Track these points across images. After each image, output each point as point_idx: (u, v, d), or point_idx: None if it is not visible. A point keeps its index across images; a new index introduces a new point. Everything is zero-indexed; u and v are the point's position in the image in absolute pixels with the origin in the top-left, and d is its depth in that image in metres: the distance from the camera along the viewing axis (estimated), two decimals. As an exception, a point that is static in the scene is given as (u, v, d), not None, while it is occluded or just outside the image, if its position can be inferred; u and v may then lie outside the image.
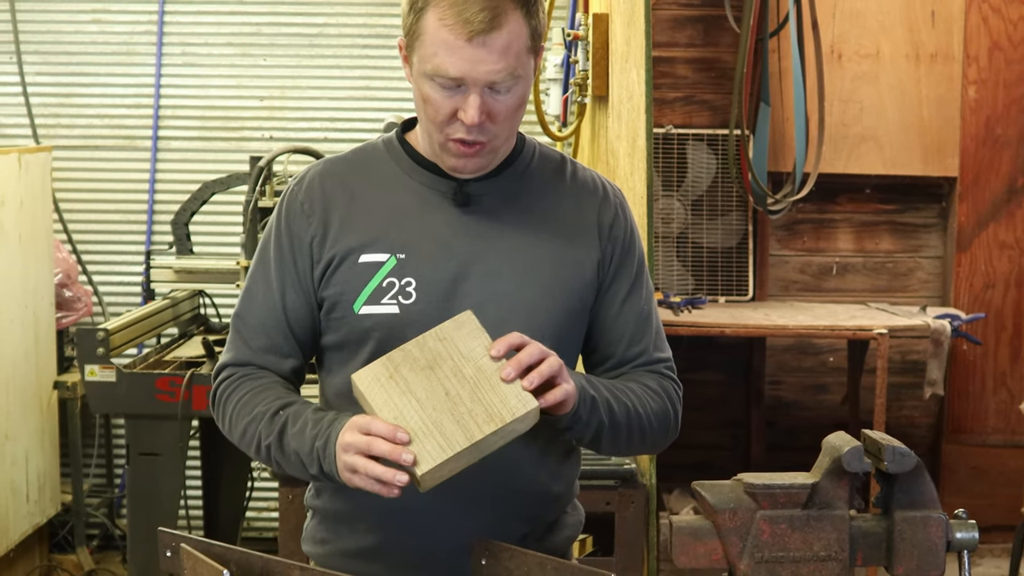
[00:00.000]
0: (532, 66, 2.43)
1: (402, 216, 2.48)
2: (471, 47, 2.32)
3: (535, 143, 2.63)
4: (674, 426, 2.59)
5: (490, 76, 2.34)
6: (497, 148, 2.47)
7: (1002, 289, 6.55)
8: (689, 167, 6.38)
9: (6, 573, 5.49)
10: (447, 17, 2.32)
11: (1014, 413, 6.25)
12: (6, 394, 5.33)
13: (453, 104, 2.37)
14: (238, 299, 2.60)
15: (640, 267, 2.61)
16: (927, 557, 2.24)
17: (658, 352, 2.61)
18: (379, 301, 2.45)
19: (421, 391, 2.25)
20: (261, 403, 2.47)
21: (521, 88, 2.41)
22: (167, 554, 2.36)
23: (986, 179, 6.49)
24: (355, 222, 2.49)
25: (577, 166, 2.63)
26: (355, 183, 2.54)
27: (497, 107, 2.38)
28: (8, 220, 5.34)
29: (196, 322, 5.86)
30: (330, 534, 2.58)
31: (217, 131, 6.50)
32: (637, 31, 4.14)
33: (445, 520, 2.46)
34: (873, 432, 2.28)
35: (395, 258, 2.46)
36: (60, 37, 6.46)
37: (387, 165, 2.56)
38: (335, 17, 6.47)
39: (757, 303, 6.40)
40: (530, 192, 2.55)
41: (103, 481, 6.47)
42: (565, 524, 2.63)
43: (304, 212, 2.52)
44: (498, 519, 2.49)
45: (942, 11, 6.38)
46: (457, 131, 2.39)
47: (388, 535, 2.50)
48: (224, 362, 2.57)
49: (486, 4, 2.31)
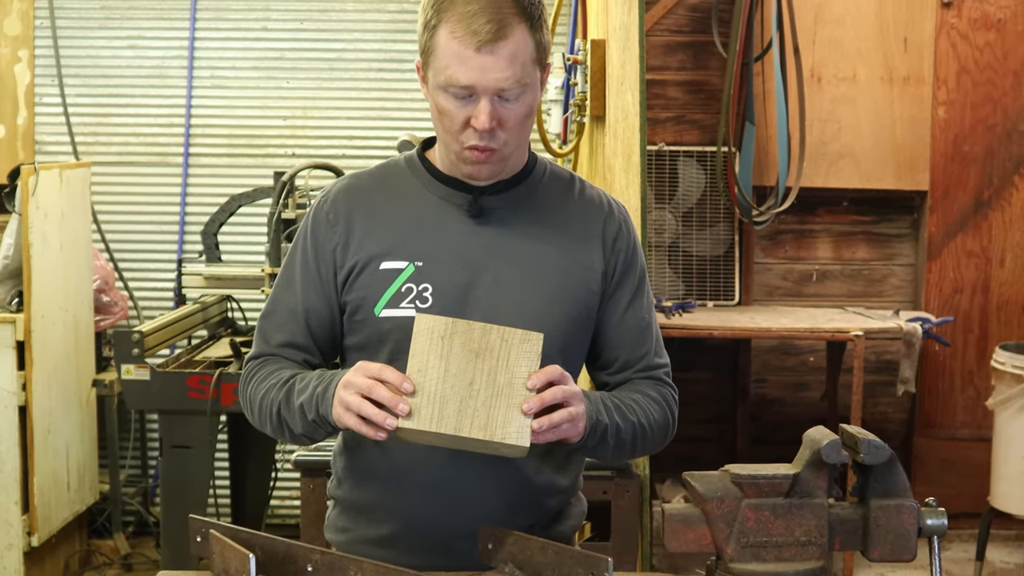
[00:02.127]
0: (539, 78, 2.44)
1: (420, 226, 2.49)
2: (480, 56, 2.33)
3: (546, 161, 2.63)
4: (672, 431, 2.61)
5: (498, 83, 2.35)
6: (508, 156, 2.47)
7: (969, 294, 6.54)
8: (680, 181, 6.38)
9: (49, 556, 5.49)
10: (457, 30, 2.33)
11: (980, 409, 6.25)
12: (48, 391, 5.33)
13: (466, 113, 2.38)
14: (265, 302, 2.62)
15: (642, 279, 2.62)
16: (900, 542, 2.24)
17: (657, 358, 2.63)
18: (398, 305, 2.46)
19: (454, 366, 2.24)
20: (275, 377, 2.50)
21: (529, 97, 2.42)
22: (197, 539, 2.37)
23: (954, 193, 6.49)
24: (376, 232, 2.50)
25: (585, 184, 2.63)
26: (377, 196, 2.55)
27: (507, 114, 2.39)
28: (51, 230, 5.35)
29: (224, 325, 5.86)
30: (351, 523, 2.58)
31: (243, 148, 6.50)
32: (632, 56, 4.14)
33: (458, 510, 2.47)
34: (850, 426, 2.27)
35: (413, 265, 2.46)
36: (98, 62, 6.47)
37: (407, 179, 2.57)
38: (352, 44, 6.47)
39: (743, 307, 6.40)
40: (540, 206, 2.55)
41: (138, 472, 6.47)
42: (570, 515, 2.64)
43: (329, 222, 2.53)
44: (507, 509, 2.49)
45: (914, 37, 6.38)
46: (471, 139, 2.39)
47: (405, 523, 2.50)
48: (248, 357, 2.60)
49: (492, 17, 2.32)
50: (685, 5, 6.42)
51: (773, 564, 2.21)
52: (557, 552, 2.28)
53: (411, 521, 2.50)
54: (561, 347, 2.44)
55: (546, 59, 2.46)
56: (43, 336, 5.26)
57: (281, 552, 2.28)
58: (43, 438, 5.28)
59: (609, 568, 2.20)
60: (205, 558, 2.36)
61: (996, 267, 6.53)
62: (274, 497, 6.19)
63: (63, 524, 5.52)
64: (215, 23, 6.48)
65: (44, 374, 5.28)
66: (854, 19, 6.38)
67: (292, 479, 6.13)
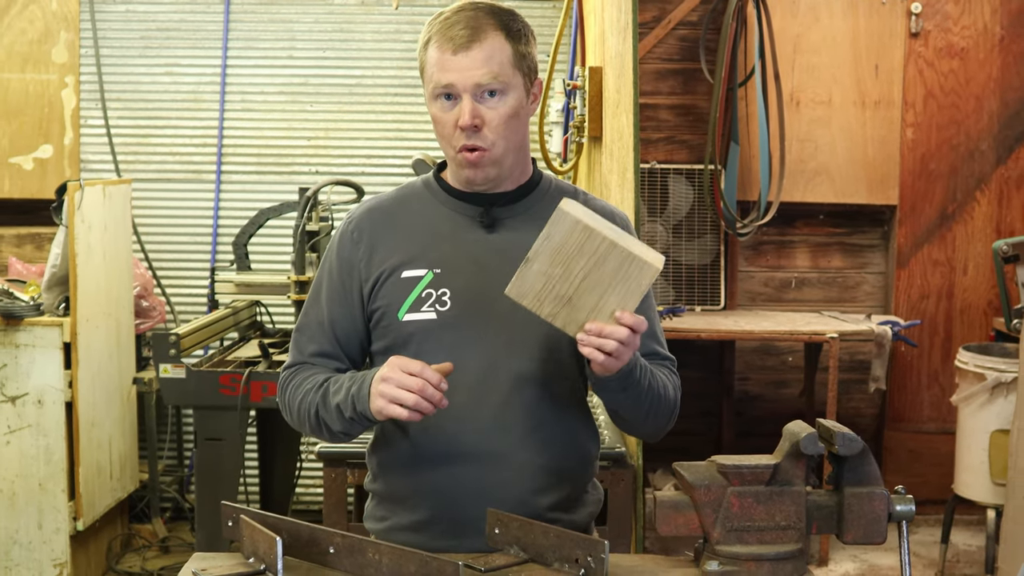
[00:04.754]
0: (521, 84, 2.46)
1: (437, 238, 2.50)
2: (456, 58, 2.39)
3: (553, 177, 2.65)
4: (676, 413, 2.60)
5: (473, 79, 2.39)
6: (499, 158, 2.47)
7: (935, 300, 6.54)
8: (671, 197, 6.38)
9: (93, 539, 5.49)
10: (439, 40, 2.41)
11: (945, 405, 6.24)
12: (93, 389, 5.34)
13: (453, 116, 2.41)
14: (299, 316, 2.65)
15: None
16: (872, 527, 2.24)
17: (663, 351, 2.64)
18: (419, 309, 2.47)
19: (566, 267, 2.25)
20: (310, 382, 2.52)
21: (511, 100, 2.43)
22: (229, 524, 2.37)
23: (921, 207, 6.48)
24: (397, 245, 2.52)
25: (589, 196, 2.63)
26: (397, 214, 2.56)
27: (488, 114, 2.41)
28: (95, 242, 5.35)
29: (253, 328, 5.86)
30: (388, 512, 2.58)
31: (271, 166, 6.51)
32: (626, 82, 4.14)
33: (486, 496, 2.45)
34: (826, 421, 2.28)
35: (432, 273, 2.48)
36: (138, 87, 6.47)
37: (424, 198, 2.58)
38: (370, 71, 6.47)
39: (728, 312, 6.40)
40: (548, 216, 2.55)
41: (174, 462, 6.47)
42: (587, 502, 2.63)
43: (353, 240, 2.55)
44: (534, 492, 2.49)
45: (884, 65, 6.39)
46: (460, 140, 2.42)
47: (437, 510, 2.50)
48: (284, 366, 2.63)
49: (468, 24, 2.40)
50: (675, 35, 6.42)
51: (755, 547, 2.21)
52: (558, 536, 2.28)
53: (442, 507, 2.50)
54: (569, 341, 2.45)
55: (531, 71, 2.48)
56: (88, 338, 5.27)
57: (305, 536, 2.29)
58: (88, 431, 5.29)
59: (605, 550, 2.20)
60: (236, 541, 2.37)
61: (960, 275, 6.52)
62: (299, 485, 6.18)
63: (106, 510, 5.52)
64: (245, 52, 6.48)
65: (89, 373, 5.28)
66: (830, 48, 6.38)
67: (316, 469, 6.12)
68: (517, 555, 2.33)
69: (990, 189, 6.48)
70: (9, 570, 5.18)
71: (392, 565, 2.18)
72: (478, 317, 2.43)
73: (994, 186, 6.48)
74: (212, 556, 2.38)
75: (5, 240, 6.42)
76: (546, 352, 2.48)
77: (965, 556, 5.90)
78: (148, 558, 5.82)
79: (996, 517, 5.19)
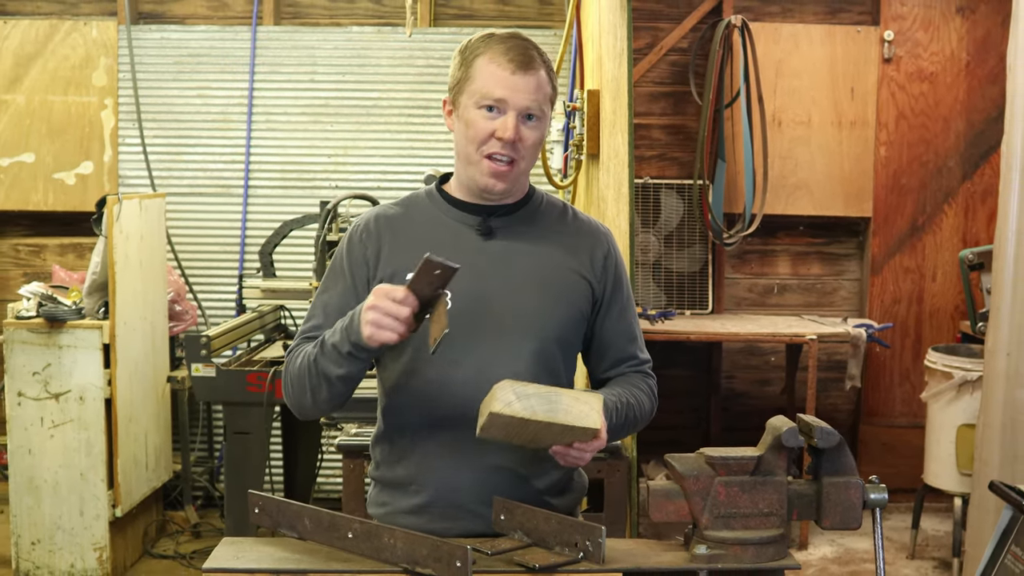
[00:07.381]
0: (549, 115, 2.51)
1: (439, 244, 2.49)
2: (513, 77, 2.42)
3: (543, 192, 2.65)
4: (654, 410, 2.65)
5: (525, 102, 2.43)
6: (519, 175, 2.50)
7: (906, 304, 6.54)
8: (662, 209, 6.38)
9: (130, 525, 5.49)
10: (496, 58, 2.43)
11: (916, 401, 6.23)
12: (130, 386, 5.34)
13: (492, 126, 2.43)
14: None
15: (628, 290, 2.66)
16: (848, 513, 2.24)
17: (642, 355, 2.67)
18: None
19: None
20: (304, 346, 2.51)
21: (542, 128, 2.49)
22: (255, 511, 2.37)
23: (893, 219, 6.48)
24: (401, 249, 2.51)
25: (576, 211, 2.66)
26: (402, 221, 2.56)
27: (526, 133, 2.44)
28: (132, 251, 5.36)
29: (278, 330, 5.86)
30: (388, 498, 2.57)
31: (294, 181, 6.51)
32: (621, 104, 4.14)
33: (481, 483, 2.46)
34: (806, 416, 2.28)
35: None
36: (172, 107, 6.48)
37: (427, 207, 2.58)
38: (386, 93, 6.47)
39: (715, 315, 6.40)
40: (540, 227, 2.57)
41: (205, 454, 6.47)
42: (573, 488, 2.63)
43: (362, 240, 2.55)
44: (523, 479, 2.50)
45: (859, 88, 6.39)
46: (492, 147, 2.44)
47: (434, 495, 2.50)
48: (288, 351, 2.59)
49: (524, 52, 2.44)
50: (666, 61, 6.43)
51: (741, 532, 2.21)
52: (559, 522, 2.29)
53: (440, 492, 2.49)
54: (559, 342, 2.49)
55: (553, 104, 2.51)
56: (125, 340, 5.27)
57: (326, 521, 2.29)
58: (125, 426, 5.29)
59: (603, 535, 2.20)
60: (262, 527, 2.36)
61: (929, 281, 6.52)
62: (320, 476, 6.18)
63: (142, 498, 5.52)
64: (270, 75, 6.48)
65: (126, 372, 5.29)
66: (809, 72, 6.38)
67: (335, 460, 6.12)
68: (521, 539, 2.34)
69: (957, 203, 6.48)
70: (53, 553, 5.18)
71: (406, 549, 2.18)
72: (475, 319, 2.43)
73: (961, 200, 6.48)
74: (240, 540, 2.38)
75: (49, 249, 6.43)
76: (539, 353, 2.49)
77: (934, 541, 5.89)
78: (181, 542, 5.82)
79: (963, 505, 5.18)
